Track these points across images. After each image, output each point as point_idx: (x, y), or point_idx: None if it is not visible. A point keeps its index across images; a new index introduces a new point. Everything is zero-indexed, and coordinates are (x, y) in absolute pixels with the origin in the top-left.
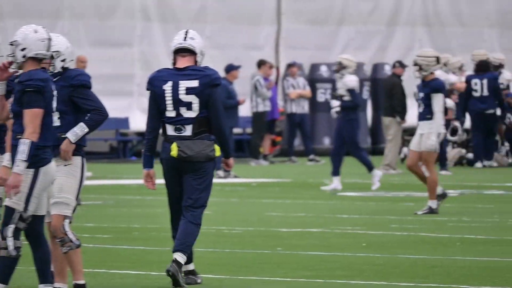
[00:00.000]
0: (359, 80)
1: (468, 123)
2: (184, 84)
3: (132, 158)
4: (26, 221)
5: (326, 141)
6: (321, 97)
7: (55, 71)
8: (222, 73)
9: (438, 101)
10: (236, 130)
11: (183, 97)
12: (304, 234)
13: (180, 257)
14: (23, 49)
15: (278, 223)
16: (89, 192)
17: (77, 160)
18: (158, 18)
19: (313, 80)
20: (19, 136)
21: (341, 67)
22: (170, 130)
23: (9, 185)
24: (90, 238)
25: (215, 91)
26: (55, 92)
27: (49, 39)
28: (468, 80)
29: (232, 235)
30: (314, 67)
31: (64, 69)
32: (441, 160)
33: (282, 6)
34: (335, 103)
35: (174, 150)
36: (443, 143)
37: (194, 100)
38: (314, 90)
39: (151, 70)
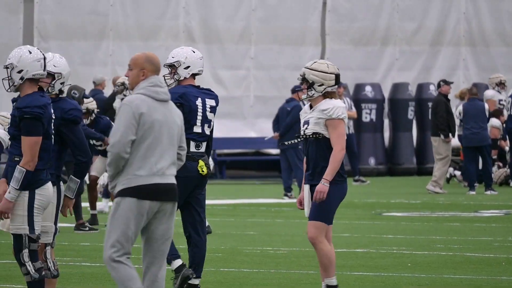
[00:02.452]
0: (405, 100)
1: None
2: (208, 103)
3: None
4: (37, 241)
5: (372, 161)
6: (366, 117)
7: (53, 92)
8: (259, 92)
9: None
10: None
11: (208, 114)
12: (349, 254)
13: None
14: (20, 71)
15: None
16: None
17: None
18: (202, 39)
19: (358, 100)
20: (17, 159)
21: (124, 88)
22: (192, 146)
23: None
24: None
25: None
26: (53, 115)
27: (44, 58)
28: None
29: (277, 255)
30: (359, 87)
31: (60, 92)
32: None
33: (326, 26)
34: None
35: (204, 168)
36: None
37: (212, 118)
38: (359, 110)
39: None
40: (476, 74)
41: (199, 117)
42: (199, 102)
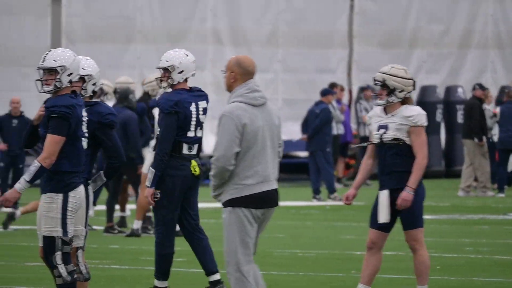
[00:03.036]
0: (433, 103)
1: None
2: (201, 105)
3: (206, 181)
4: (70, 244)
5: None
6: None
7: (86, 95)
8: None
9: None
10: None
11: (201, 117)
12: (397, 257)
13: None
14: (69, 74)
15: (352, 246)
16: None
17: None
18: (230, 42)
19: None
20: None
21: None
22: (185, 149)
23: (4, 197)
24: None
25: None
26: (85, 118)
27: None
28: None
29: (306, 258)
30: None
31: (94, 93)
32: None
33: (354, 29)
34: None
35: (197, 168)
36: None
37: (204, 120)
38: None
39: (223, 93)
40: (505, 76)
41: (193, 123)
42: (193, 107)
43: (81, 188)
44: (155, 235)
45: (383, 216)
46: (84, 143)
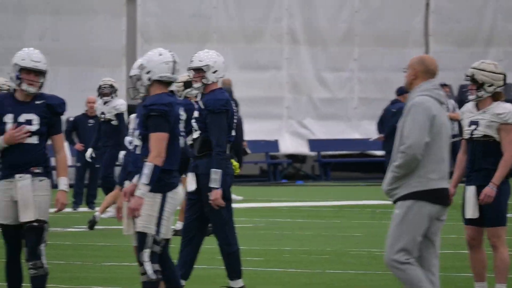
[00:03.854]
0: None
1: None
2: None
3: (282, 181)
4: (160, 244)
5: None
6: None
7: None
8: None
9: None
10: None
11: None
12: (456, 256)
13: None
14: (147, 72)
15: None
16: (240, 215)
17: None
18: (305, 41)
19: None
20: (145, 160)
21: (113, 90)
22: (228, 148)
23: (130, 208)
24: (242, 261)
25: None
26: (182, 116)
27: (174, 62)
28: None
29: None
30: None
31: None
32: None
33: (430, 27)
34: None
35: (238, 168)
36: None
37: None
38: None
39: (299, 93)
40: None
41: (234, 121)
42: (234, 106)
43: (179, 189)
44: (218, 236)
45: (470, 211)
46: (181, 141)
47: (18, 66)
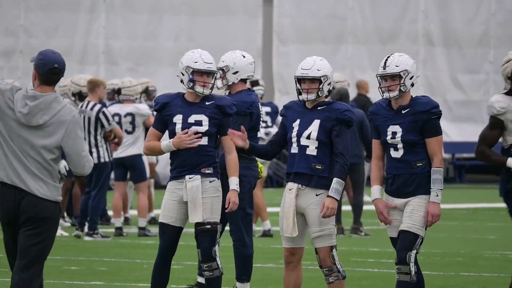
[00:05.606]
0: None
1: None
2: (264, 108)
3: None
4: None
5: None
6: None
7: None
8: None
9: None
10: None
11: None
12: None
13: None
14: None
15: None
16: (372, 217)
17: None
18: (441, 43)
19: None
20: (419, 164)
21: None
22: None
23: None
24: (375, 263)
25: None
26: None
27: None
28: None
29: None
30: None
31: (329, 92)
32: None
33: None
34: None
35: (262, 171)
36: None
37: None
38: None
39: (434, 94)
40: None
41: (260, 123)
42: (261, 108)
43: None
44: (236, 237)
45: None
46: (313, 147)
47: (190, 69)
